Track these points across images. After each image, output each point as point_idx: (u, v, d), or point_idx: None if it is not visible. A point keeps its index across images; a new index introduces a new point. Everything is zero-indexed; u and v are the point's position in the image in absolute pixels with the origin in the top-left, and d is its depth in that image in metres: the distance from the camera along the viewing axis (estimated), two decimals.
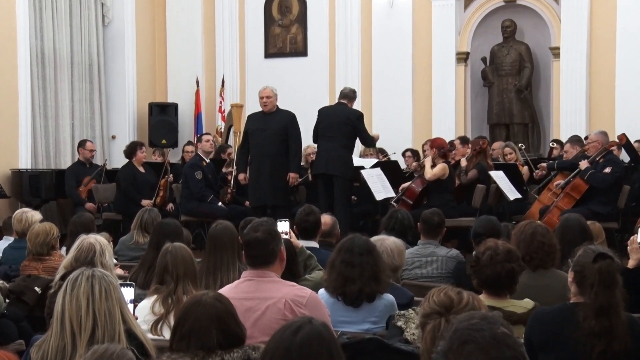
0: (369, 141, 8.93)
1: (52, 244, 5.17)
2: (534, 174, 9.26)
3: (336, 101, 9.04)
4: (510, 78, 11.61)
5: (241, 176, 8.93)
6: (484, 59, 11.76)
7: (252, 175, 8.78)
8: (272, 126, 8.60)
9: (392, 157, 10.41)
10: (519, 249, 3.95)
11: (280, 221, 4.56)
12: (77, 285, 2.75)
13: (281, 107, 8.82)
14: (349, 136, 8.61)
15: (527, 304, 3.51)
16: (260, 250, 3.43)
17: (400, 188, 8.78)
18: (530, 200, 8.92)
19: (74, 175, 9.96)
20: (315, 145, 9.51)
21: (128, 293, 3.27)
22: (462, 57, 11.68)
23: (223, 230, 4.43)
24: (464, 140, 9.67)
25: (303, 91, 11.99)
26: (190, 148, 10.77)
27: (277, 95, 8.76)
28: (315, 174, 8.78)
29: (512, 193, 8.56)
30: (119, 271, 5.17)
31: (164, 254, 3.84)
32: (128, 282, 3.70)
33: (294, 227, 5.26)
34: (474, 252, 3.64)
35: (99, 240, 4.25)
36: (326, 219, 5.59)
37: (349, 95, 8.83)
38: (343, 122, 8.56)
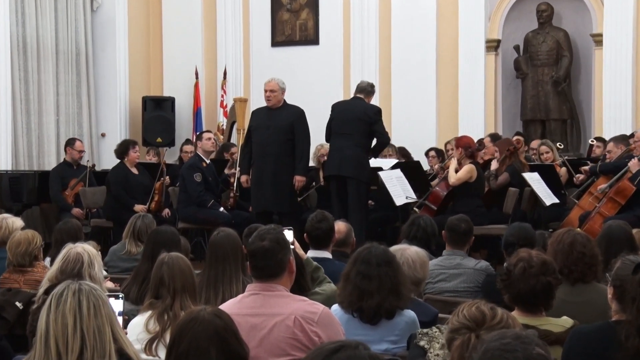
0: (386, 141, 8.91)
1: (34, 254, 5.19)
2: (574, 178, 9.21)
3: (352, 96, 9.04)
4: (546, 69, 11.57)
5: (243, 178, 8.94)
6: (517, 48, 11.73)
7: (254, 177, 8.78)
8: (277, 123, 8.60)
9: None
10: (556, 260, 3.94)
11: (284, 229, 4.56)
12: (62, 301, 2.76)
13: (289, 101, 8.83)
14: (365, 134, 8.60)
15: (565, 322, 3.50)
16: (266, 260, 3.44)
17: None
18: (569, 206, 8.88)
19: (59, 178, 9.99)
20: (329, 145, 9.51)
21: (116, 305, 3.29)
22: (493, 46, 11.65)
23: (225, 239, 4.44)
24: (495, 138, 9.63)
25: (314, 84, 11.99)
26: (188, 147, 10.79)
27: (284, 89, 8.76)
28: (328, 175, 8.78)
29: (548, 197, 8.53)
30: (110, 284, 5.19)
31: (160, 265, 3.85)
32: (115, 293, 3.71)
33: (305, 235, 5.28)
34: (505, 264, 3.64)
35: (87, 249, 4.26)
36: (340, 226, 5.59)
37: (366, 89, 8.82)
38: (359, 118, 8.54)
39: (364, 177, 8.54)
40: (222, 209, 9.15)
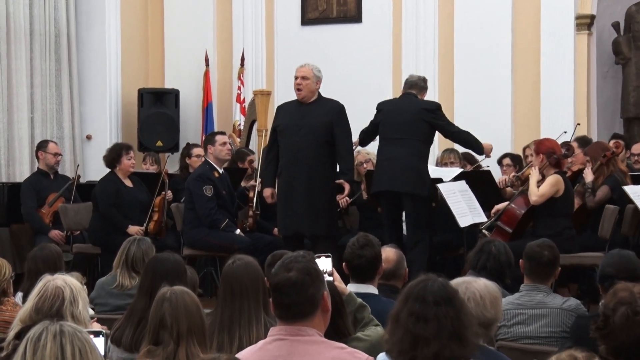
0: (464, 133, 8.81)
1: (3, 288, 5.24)
2: None
3: (401, 92, 9.03)
4: None
5: (267, 192, 8.96)
6: (616, 25, 11.66)
7: (281, 191, 8.81)
8: (311, 121, 8.63)
9: (483, 166, 10.36)
10: None
11: (320, 257, 4.59)
12: (41, 346, 2.78)
13: (324, 94, 8.85)
14: (422, 138, 8.62)
15: None
16: (294, 296, 3.45)
17: (494, 210, 8.73)
18: None
19: (34, 191, 10.06)
20: (368, 151, 9.50)
21: (97, 345, 3.31)
22: (585, 23, 11.58)
23: (243, 269, 4.47)
24: (584, 143, 9.55)
25: (355, 72, 11.99)
26: (198, 150, 10.81)
27: (320, 79, 8.78)
28: (377, 192, 8.77)
29: None
30: (97, 326, 5.22)
31: (160, 302, 3.88)
32: (96, 330, 3.74)
33: (343, 264, 5.29)
34: (601, 303, 3.62)
35: (69, 282, 4.30)
36: (389, 253, 5.60)
37: (418, 84, 8.86)
38: (414, 120, 8.56)
39: (423, 191, 8.52)
40: (238, 231, 9.19)
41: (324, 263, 4.61)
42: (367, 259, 5.23)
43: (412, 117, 8.58)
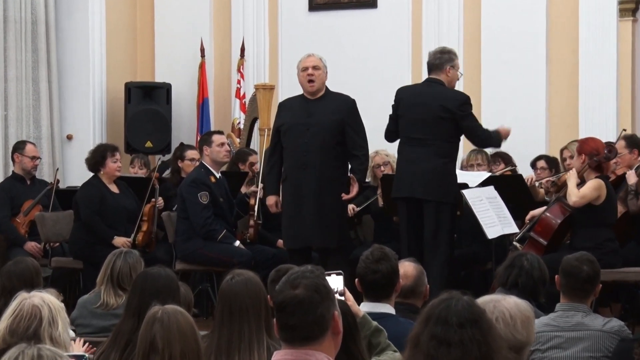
0: (489, 139, 8.83)
1: None
2: None
3: (423, 78, 9.00)
4: None
5: (271, 200, 8.96)
6: None
7: (287, 199, 8.82)
8: (320, 119, 8.62)
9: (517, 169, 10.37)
10: None
11: (330, 274, 4.60)
12: None
13: (334, 88, 8.84)
14: (447, 136, 8.56)
15: None
16: (301, 316, 3.45)
17: (528, 217, 8.72)
18: None
19: (8, 198, 10.08)
20: (387, 153, 9.48)
21: None
22: (629, 8, 11.58)
23: (242, 286, 4.48)
24: (632, 142, 9.54)
25: (370, 63, 12.00)
26: (193, 153, 10.81)
27: (327, 69, 8.78)
28: (395, 197, 8.75)
29: None
30: (79, 348, 5.23)
31: (150, 323, 3.89)
32: (78, 354, 3.74)
33: (356, 280, 5.29)
34: None
35: (48, 301, 4.30)
36: (407, 268, 5.59)
37: (442, 62, 8.74)
38: (435, 118, 8.50)
39: (448, 198, 8.47)
40: (238, 242, 9.19)
41: (335, 281, 4.61)
42: (382, 275, 5.22)
43: (433, 116, 8.50)
